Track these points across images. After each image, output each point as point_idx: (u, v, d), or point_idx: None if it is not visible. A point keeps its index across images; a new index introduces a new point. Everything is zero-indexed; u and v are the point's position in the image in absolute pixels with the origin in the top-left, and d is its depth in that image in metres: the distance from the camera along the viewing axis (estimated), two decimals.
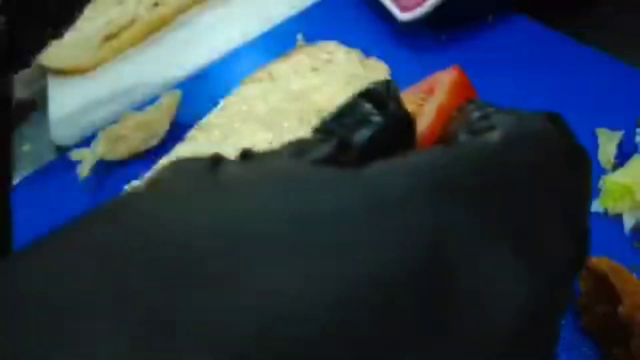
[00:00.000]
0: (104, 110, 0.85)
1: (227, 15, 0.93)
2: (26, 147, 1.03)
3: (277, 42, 0.84)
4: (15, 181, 0.90)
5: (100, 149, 0.80)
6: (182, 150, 0.71)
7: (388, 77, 0.69)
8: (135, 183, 0.69)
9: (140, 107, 0.82)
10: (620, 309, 0.39)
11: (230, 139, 0.70)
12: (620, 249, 0.50)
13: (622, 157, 0.56)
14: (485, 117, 0.28)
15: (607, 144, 0.57)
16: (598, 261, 0.43)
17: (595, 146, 0.58)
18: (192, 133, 0.73)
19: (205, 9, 0.95)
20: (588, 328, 0.45)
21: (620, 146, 0.57)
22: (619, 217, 0.52)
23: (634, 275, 0.44)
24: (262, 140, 0.68)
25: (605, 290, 0.42)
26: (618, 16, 0.73)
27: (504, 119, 0.26)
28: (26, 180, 0.88)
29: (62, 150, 0.91)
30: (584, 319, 0.45)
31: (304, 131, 0.68)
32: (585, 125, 0.59)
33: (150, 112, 0.80)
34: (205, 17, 0.95)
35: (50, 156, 0.92)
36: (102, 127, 0.81)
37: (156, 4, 0.93)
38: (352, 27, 0.82)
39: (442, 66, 0.86)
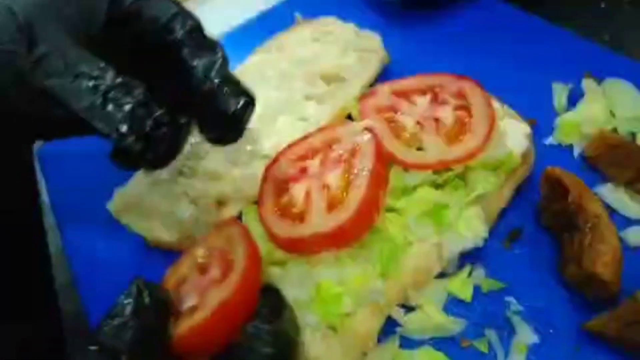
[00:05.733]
0: None
1: None
2: None
3: (278, 20, 0.95)
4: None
5: None
6: None
7: (380, 48, 0.81)
8: None
9: None
10: (570, 197, 0.52)
11: None
12: (571, 172, 0.63)
13: (572, 103, 0.70)
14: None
15: (560, 94, 0.71)
16: (552, 169, 0.56)
17: (552, 96, 0.71)
18: None
19: None
20: (546, 223, 0.57)
21: (570, 95, 0.70)
22: (569, 147, 0.66)
23: None
24: (275, 99, 0.79)
25: (559, 191, 0.55)
26: None
27: None
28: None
29: None
30: (543, 217, 0.58)
31: (310, 91, 0.79)
32: (544, 81, 0.73)
33: None
34: None
35: None
36: None
37: None
38: (345, 6, 0.94)
39: (425, 39, 0.99)
